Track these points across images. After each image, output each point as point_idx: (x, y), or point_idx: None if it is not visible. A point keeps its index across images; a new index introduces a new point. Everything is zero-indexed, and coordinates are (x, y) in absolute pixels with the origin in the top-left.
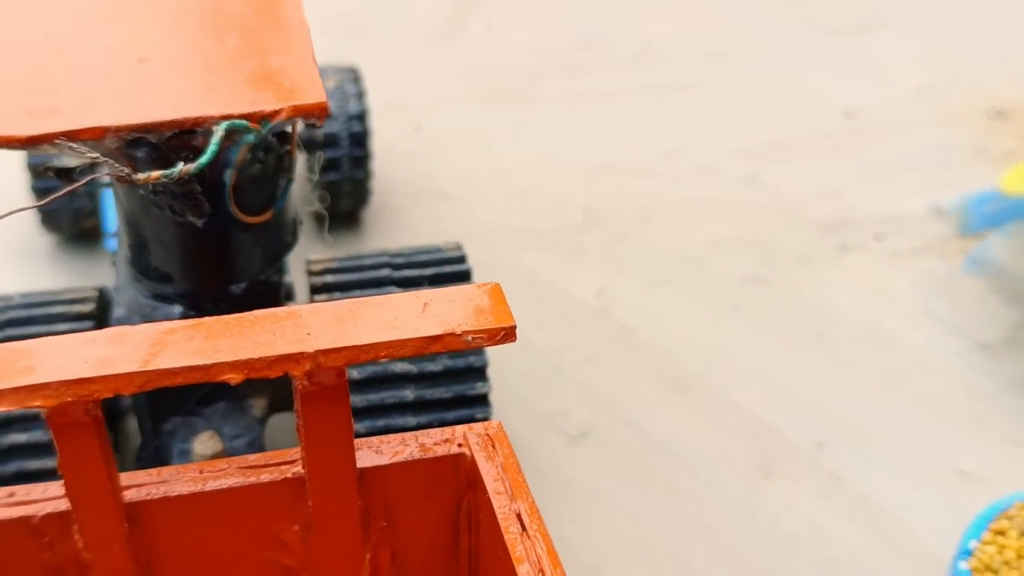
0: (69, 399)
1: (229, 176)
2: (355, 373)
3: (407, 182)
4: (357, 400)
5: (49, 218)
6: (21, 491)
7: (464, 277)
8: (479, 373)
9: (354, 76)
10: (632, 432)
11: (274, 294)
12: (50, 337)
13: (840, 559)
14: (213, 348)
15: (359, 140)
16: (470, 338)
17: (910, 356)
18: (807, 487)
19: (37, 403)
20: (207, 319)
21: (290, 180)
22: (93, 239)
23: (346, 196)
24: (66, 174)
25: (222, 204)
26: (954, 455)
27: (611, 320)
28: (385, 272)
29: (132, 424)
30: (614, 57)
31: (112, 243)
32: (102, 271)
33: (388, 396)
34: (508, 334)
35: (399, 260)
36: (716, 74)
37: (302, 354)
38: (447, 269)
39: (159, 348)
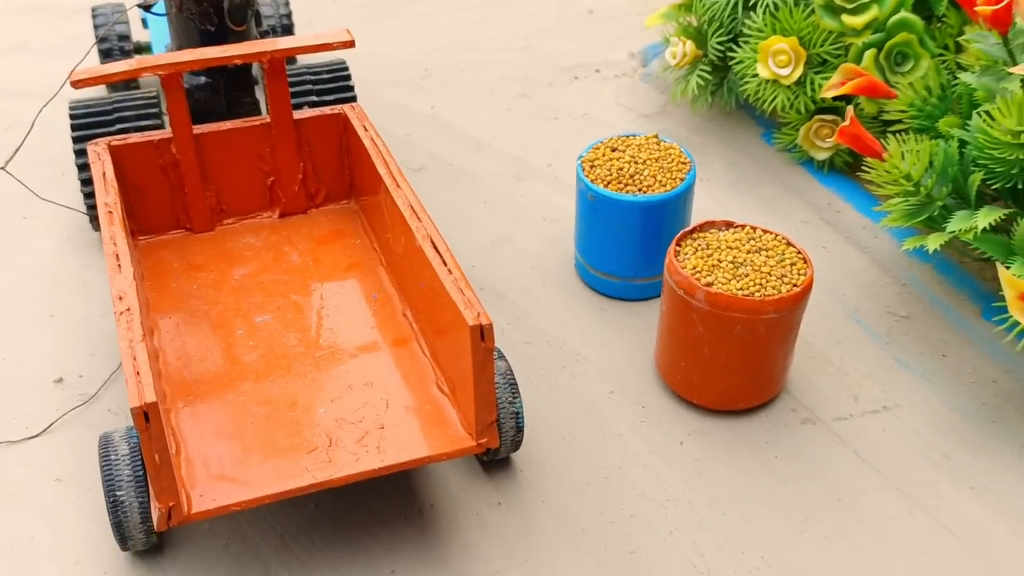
0: (172, 71)
1: (227, 3)
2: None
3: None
4: (291, 81)
5: (106, 55)
6: (151, 133)
7: (347, 78)
8: (347, 74)
9: None
10: (449, 168)
11: (247, 67)
12: (158, 54)
13: (555, 213)
14: (231, 52)
15: (287, 29)
16: (335, 45)
17: (604, 124)
18: (542, 184)
19: (161, 72)
20: (230, 45)
21: (253, 10)
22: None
23: None
24: (147, 8)
25: (223, 19)
26: None
27: (439, 119)
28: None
29: None
30: None
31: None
32: None
33: (303, 83)
34: (351, 44)
35: (313, 66)
36: None
37: (265, 51)
38: (339, 75)
39: (210, 53)
